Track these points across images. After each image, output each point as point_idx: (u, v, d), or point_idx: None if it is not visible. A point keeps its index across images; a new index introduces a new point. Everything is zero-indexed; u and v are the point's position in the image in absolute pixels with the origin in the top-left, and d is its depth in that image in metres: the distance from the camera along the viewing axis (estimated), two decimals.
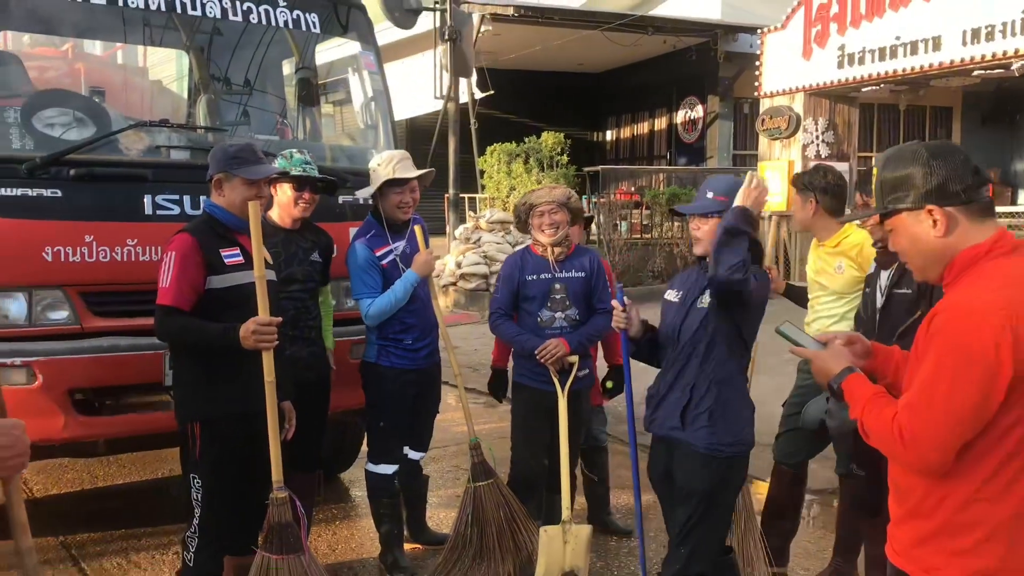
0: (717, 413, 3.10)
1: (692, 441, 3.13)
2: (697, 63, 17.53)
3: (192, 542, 3.35)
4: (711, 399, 3.10)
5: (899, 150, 2.06)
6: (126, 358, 4.13)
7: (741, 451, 3.16)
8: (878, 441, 1.98)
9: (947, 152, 1.99)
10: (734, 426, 3.11)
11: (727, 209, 3.08)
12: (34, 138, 4.20)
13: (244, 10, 4.77)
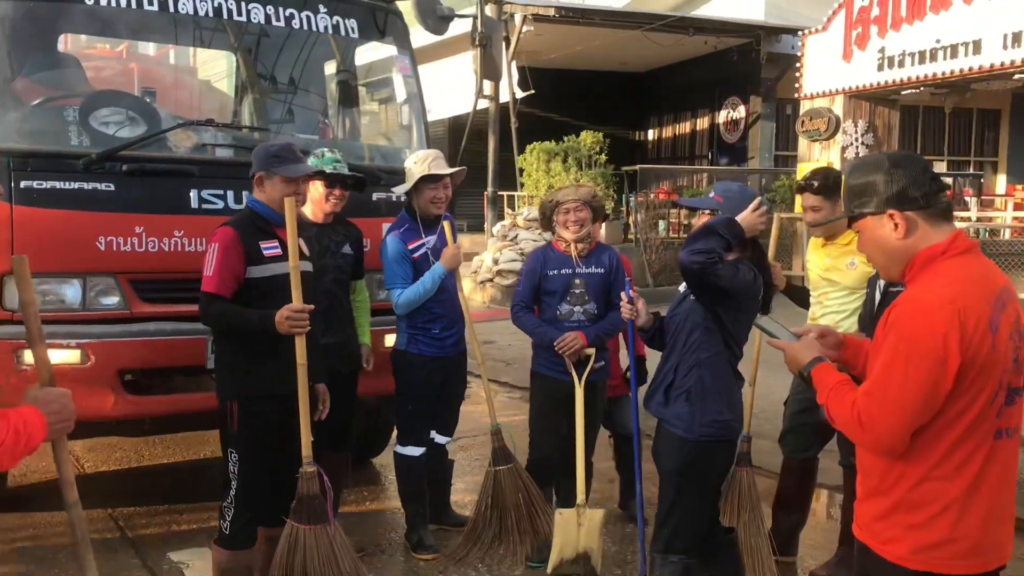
0: (695, 395, 3.28)
1: (670, 420, 3.33)
2: (740, 63, 17.57)
3: (228, 512, 3.61)
4: (690, 381, 3.29)
5: (864, 160, 2.24)
6: (171, 342, 4.41)
7: (717, 434, 3.29)
8: (841, 424, 2.16)
9: (907, 161, 2.17)
10: (710, 409, 3.27)
11: (720, 209, 3.26)
12: (90, 135, 4.50)
13: (287, 16, 5.04)
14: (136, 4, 4.66)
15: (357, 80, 5.89)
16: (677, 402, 3.31)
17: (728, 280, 3.13)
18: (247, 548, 3.66)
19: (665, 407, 3.35)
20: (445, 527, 4.85)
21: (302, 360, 3.48)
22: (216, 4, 4.82)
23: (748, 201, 3.28)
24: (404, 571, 4.44)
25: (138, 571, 4.34)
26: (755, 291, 3.22)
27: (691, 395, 3.28)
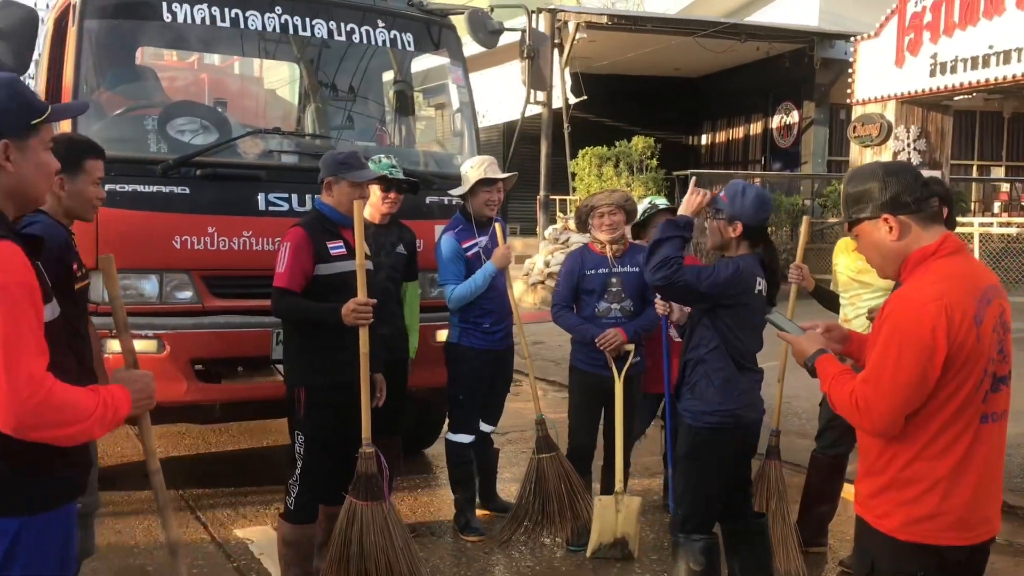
0: (699, 387, 3.53)
1: (682, 411, 3.61)
2: (792, 69, 17.61)
3: (294, 488, 3.93)
4: (696, 376, 3.55)
5: (859, 169, 2.47)
6: (239, 334, 4.77)
7: (719, 422, 3.50)
8: (841, 409, 2.40)
9: (899, 170, 2.39)
10: (712, 399, 3.50)
11: (724, 208, 3.49)
12: (167, 143, 4.88)
13: (348, 30, 5.38)
14: (210, 20, 5.04)
15: (413, 90, 6.22)
16: (686, 395, 3.58)
17: (696, 282, 3.38)
18: (310, 523, 3.97)
19: (680, 400, 3.63)
20: (491, 512, 5.13)
21: (365, 350, 3.78)
22: (283, 20, 5.18)
23: (754, 205, 3.50)
24: (452, 551, 4.73)
25: (208, 546, 4.69)
26: (739, 287, 3.42)
27: (695, 388, 3.54)
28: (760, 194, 3.61)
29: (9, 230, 2.08)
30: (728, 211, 3.48)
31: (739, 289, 3.42)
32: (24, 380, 1.95)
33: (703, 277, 3.41)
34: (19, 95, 2.18)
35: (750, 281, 3.45)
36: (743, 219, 3.47)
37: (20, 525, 2.11)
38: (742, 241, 3.50)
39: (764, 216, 3.58)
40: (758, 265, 3.50)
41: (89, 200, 3.18)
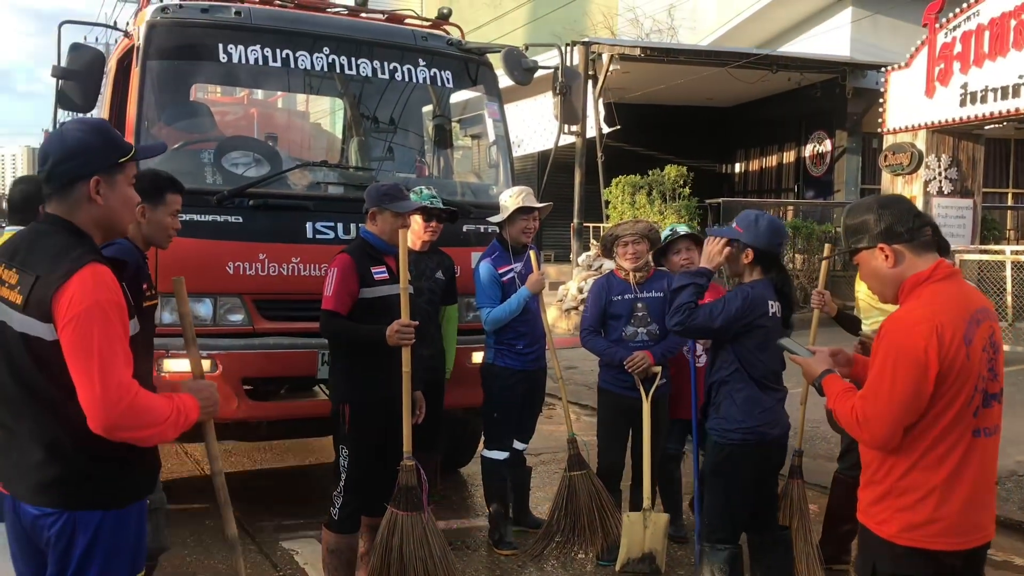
0: (723, 407, 3.77)
1: (709, 430, 3.84)
2: (825, 98, 17.75)
3: (338, 500, 4.18)
4: (720, 396, 3.80)
5: (857, 204, 2.71)
6: (288, 355, 5.04)
7: (741, 439, 3.72)
8: (843, 424, 2.61)
9: (893, 202, 2.62)
10: (733, 418, 3.73)
11: (740, 238, 3.72)
12: (222, 175, 5.20)
13: (390, 68, 5.69)
14: (262, 60, 5.37)
15: (451, 123, 6.51)
16: (712, 414, 3.83)
17: (709, 321, 3.64)
18: (353, 532, 4.22)
19: (707, 420, 3.87)
20: (524, 528, 5.34)
21: (407, 368, 4.04)
22: (330, 60, 5.50)
23: (768, 233, 3.72)
24: (487, 564, 4.95)
25: (255, 555, 4.95)
26: (752, 314, 3.65)
27: (720, 408, 3.79)
28: (772, 222, 3.82)
29: (99, 255, 2.37)
30: (742, 239, 3.70)
31: (752, 316, 3.64)
32: (114, 386, 2.22)
33: (715, 315, 3.66)
34: (108, 136, 2.48)
35: (762, 306, 3.66)
36: (756, 246, 3.70)
37: (102, 517, 2.38)
38: (755, 267, 3.73)
39: (776, 243, 3.79)
40: (770, 289, 3.71)
41: (166, 230, 3.50)
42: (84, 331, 2.22)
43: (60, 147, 2.41)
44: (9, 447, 2.42)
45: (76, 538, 2.35)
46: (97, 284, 2.26)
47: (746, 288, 3.70)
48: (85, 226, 2.41)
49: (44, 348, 2.26)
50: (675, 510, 5.30)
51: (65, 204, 2.41)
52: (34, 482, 2.36)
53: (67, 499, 2.35)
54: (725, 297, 3.73)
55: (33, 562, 2.45)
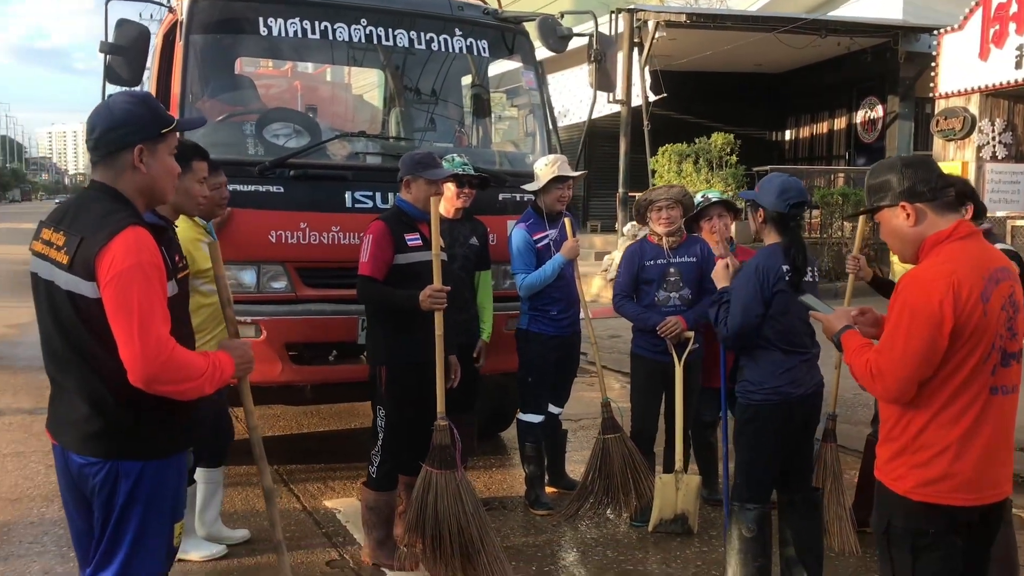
0: (746, 369, 3.85)
1: (736, 391, 3.89)
2: (877, 63, 17.42)
3: (375, 459, 4.33)
4: (744, 359, 3.88)
5: (880, 163, 2.72)
6: (329, 320, 5.18)
7: (762, 400, 3.77)
8: (857, 377, 2.65)
9: (917, 162, 2.64)
10: (756, 379, 3.79)
11: (755, 198, 3.78)
12: (264, 146, 5.34)
13: (427, 39, 5.76)
14: (301, 32, 5.47)
15: (489, 93, 6.57)
16: (738, 378, 3.90)
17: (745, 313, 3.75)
18: (390, 490, 4.37)
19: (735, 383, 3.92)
20: (559, 490, 5.45)
21: (440, 332, 4.15)
22: (367, 31, 5.59)
23: (774, 193, 3.75)
24: (522, 523, 5.07)
25: (299, 515, 5.13)
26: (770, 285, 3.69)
27: (743, 370, 3.86)
28: (784, 182, 3.83)
29: (140, 219, 2.51)
30: (757, 200, 3.75)
31: (770, 285, 3.68)
32: (153, 342, 2.36)
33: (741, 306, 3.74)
34: (152, 108, 2.61)
35: (775, 272, 3.70)
36: (764, 205, 3.74)
37: (143, 467, 2.53)
38: (769, 228, 3.76)
39: (783, 202, 3.76)
40: (781, 253, 3.73)
41: (195, 197, 3.64)
42: (125, 289, 2.36)
43: (106, 118, 2.54)
44: (58, 400, 2.58)
45: (118, 486, 2.50)
46: (138, 246, 2.40)
47: (752, 263, 3.76)
48: (128, 193, 2.55)
49: (88, 306, 2.41)
50: (711, 474, 5.36)
51: (110, 171, 2.54)
52: (80, 433, 2.51)
53: (110, 449, 2.50)
54: (740, 288, 3.78)
55: (82, 508, 2.61)
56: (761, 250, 3.82)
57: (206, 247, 3.93)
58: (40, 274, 2.54)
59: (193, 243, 3.95)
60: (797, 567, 3.91)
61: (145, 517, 2.53)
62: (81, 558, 2.69)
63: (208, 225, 4.24)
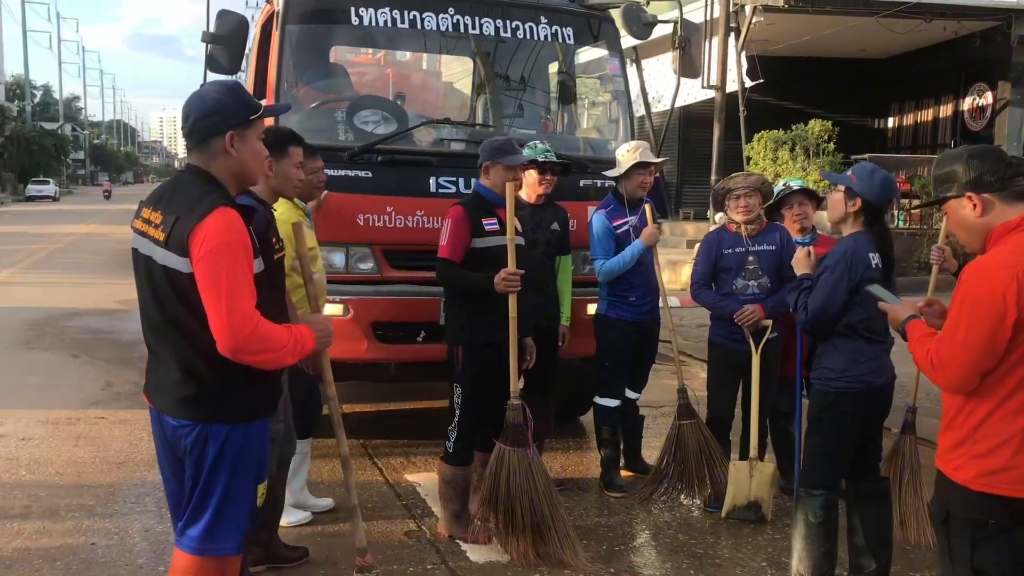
0: (826, 357, 3.81)
1: (812, 379, 3.87)
2: (986, 48, 16.76)
3: (452, 435, 4.49)
4: (823, 347, 3.84)
5: (947, 153, 2.71)
6: (412, 301, 5.36)
7: (843, 387, 3.75)
8: (920, 366, 2.65)
9: (983, 152, 2.61)
10: (837, 367, 3.76)
11: (852, 186, 3.73)
12: (353, 132, 5.54)
13: (513, 27, 5.87)
14: (391, 22, 5.65)
15: (574, 80, 6.64)
16: (816, 365, 3.88)
17: (829, 297, 3.72)
18: (465, 465, 4.52)
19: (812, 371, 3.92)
20: (634, 473, 5.52)
21: (514, 314, 4.27)
22: (455, 20, 5.73)
23: (881, 186, 3.71)
24: (596, 504, 5.17)
25: (382, 487, 5.33)
26: (857, 273, 3.66)
27: (823, 358, 3.83)
28: (888, 177, 3.83)
29: (231, 201, 2.69)
30: (854, 188, 3.72)
31: (857, 273, 3.66)
32: (240, 315, 2.54)
33: (826, 290, 3.72)
34: (241, 95, 2.80)
35: (863, 260, 3.67)
36: (867, 196, 3.71)
37: (230, 431, 2.72)
38: (859, 217, 3.74)
39: (886, 198, 3.81)
40: (870, 243, 3.71)
41: (291, 180, 3.84)
42: (215, 266, 2.55)
43: (199, 106, 2.74)
44: (154, 367, 2.80)
45: (207, 447, 2.70)
46: (228, 225, 2.58)
47: (840, 249, 3.73)
48: (220, 176, 2.74)
49: (182, 280, 2.61)
50: (788, 464, 5.35)
51: (204, 156, 2.74)
52: (173, 398, 2.72)
53: (199, 413, 2.70)
54: (822, 267, 3.78)
55: (175, 467, 2.83)
56: (847, 238, 3.79)
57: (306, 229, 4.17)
58: (140, 250, 2.75)
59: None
60: (865, 556, 3.90)
61: (231, 477, 2.73)
62: (174, 514, 2.91)
63: (306, 208, 4.45)
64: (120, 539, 4.42)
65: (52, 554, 4.22)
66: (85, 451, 5.79)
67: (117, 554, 4.24)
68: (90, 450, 5.82)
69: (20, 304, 12.07)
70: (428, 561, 4.28)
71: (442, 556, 4.33)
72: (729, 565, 4.37)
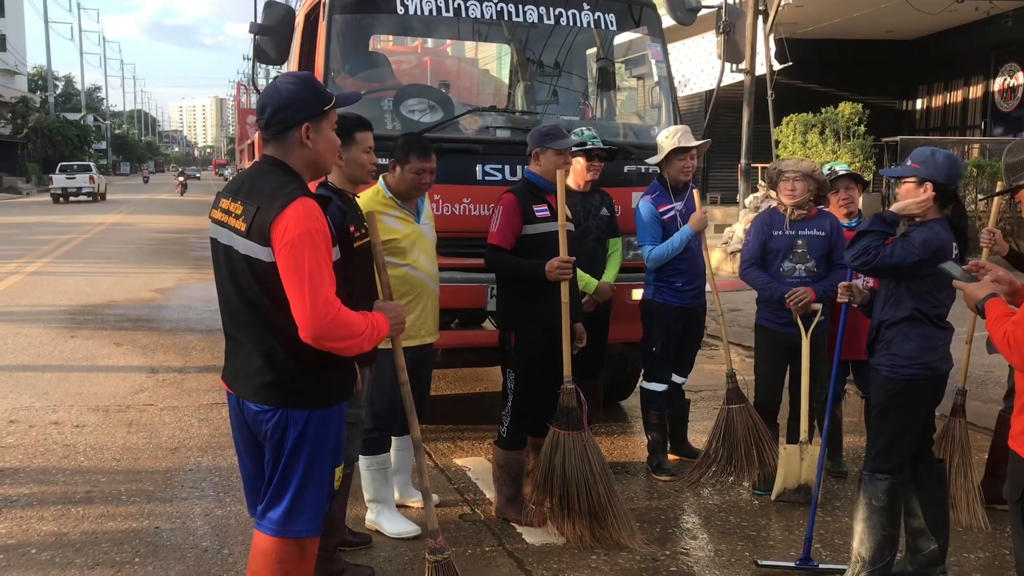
0: (895, 343, 3.75)
1: (876, 365, 3.84)
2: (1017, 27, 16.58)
3: (506, 419, 4.54)
4: (892, 333, 3.77)
5: (1018, 141, 2.73)
6: (461, 288, 5.41)
7: (913, 373, 3.72)
8: (997, 345, 2.69)
9: None
10: (906, 353, 3.72)
11: (919, 175, 3.69)
12: (400, 121, 5.58)
13: (556, 14, 5.89)
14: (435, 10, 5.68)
15: (614, 66, 6.65)
16: (881, 351, 3.83)
17: (893, 261, 3.62)
18: (519, 449, 4.58)
19: (873, 356, 3.89)
20: (682, 457, 5.57)
21: (566, 299, 4.32)
22: (499, 8, 5.76)
23: (947, 165, 3.67)
24: (645, 487, 5.21)
25: (432, 471, 5.39)
26: (929, 254, 3.58)
27: (891, 344, 3.77)
28: (950, 155, 3.77)
29: (308, 191, 2.75)
30: (920, 175, 3.69)
31: (927, 258, 3.58)
32: (322, 302, 2.60)
33: (896, 255, 3.63)
34: (314, 88, 2.85)
35: (947, 251, 3.61)
36: (937, 179, 3.66)
37: (309, 415, 2.78)
38: (934, 205, 3.71)
39: (956, 176, 3.73)
40: (946, 228, 3.68)
41: (363, 165, 3.89)
42: (297, 254, 2.60)
43: (276, 99, 2.78)
44: (235, 354, 2.86)
45: (288, 432, 2.76)
46: (308, 215, 2.64)
47: (924, 230, 3.65)
48: (297, 166, 2.79)
49: (263, 269, 2.66)
50: (836, 447, 5.38)
51: (281, 148, 2.79)
52: (254, 384, 2.78)
53: (280, 399, 2.76)
54: (903, 240, 3.67)
55: (253, 452, 2.89)
56: (922, 227, 3.67)
57: (391, 220, 4.21)
58: (220, 239, 2.80)
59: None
60: (924, 538, 3.92)
61: (311, 460, 2.79)
62: (251, 498, 2.97)
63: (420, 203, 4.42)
64: (183, 523, 4.52)
65: (119, 537, 4.32)
66: (138, 437, 5.90)
67: (181, 538, 4.34)
68: (143, 436, 5.93)
69: (57, 293, 12.23)
70: (486, 543, 4.34)
71: (499, 539, 4.40)
72: (782, 546, 4.41)
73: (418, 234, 4.34)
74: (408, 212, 4.33)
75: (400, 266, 4.20)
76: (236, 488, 4.91)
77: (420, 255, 4.33)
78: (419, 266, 4.31)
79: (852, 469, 5.30)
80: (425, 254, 4.36)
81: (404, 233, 4.26)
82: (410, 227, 4.31)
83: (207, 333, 9.54)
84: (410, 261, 4.27)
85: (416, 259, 4.31)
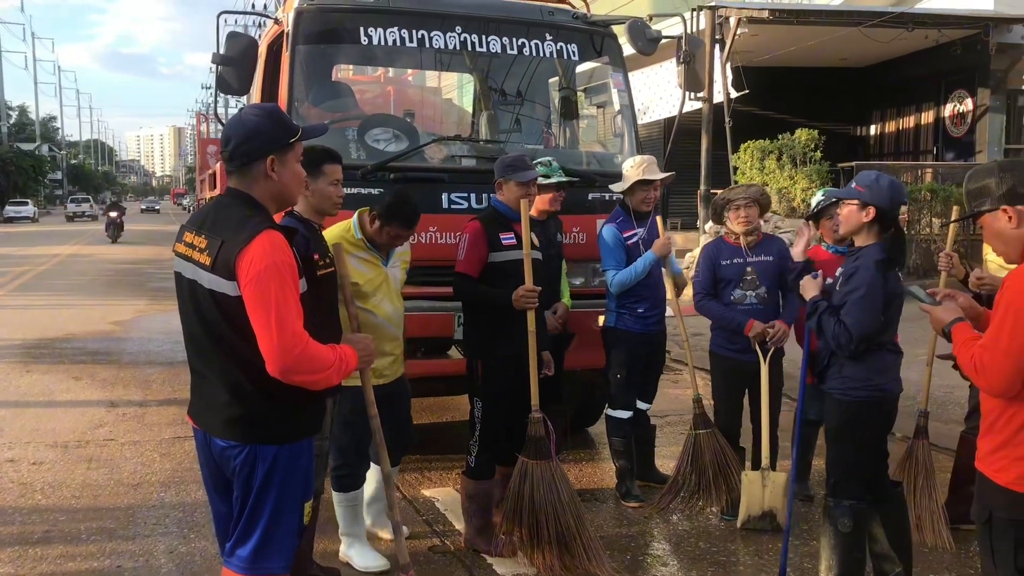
0: (846, 367, 3.79)
1: (828, 389, 3.89)
2: (966, 55, 17.01)
3: (474, 449, 4.52)
4: (841, 357, 3.80)
5: (977, 168, 2.79)
6: (427, 316, 5.39)
7: (866, 396, 3.77)
8: (965, 370, 2.73)
9: (1014, 166, 2.70)
10: (859, 377, 3.76)
11: (861, 198, 3.73)
12: (365, 151, 5.57)
13: (518, 44, 5.94)
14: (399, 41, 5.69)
15: (576, 95, 6.72)
16: (833, 376, 3.86)
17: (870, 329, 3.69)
18: (488, 479, 4.56)
19: (825, 381, 3.93)
20: (650, 483, 5.57)
21: (532, 328, 4.32)
22: (462, 38, 5.79)
23: (890, 191, 3.71)
24: (614, 515, 5.21)
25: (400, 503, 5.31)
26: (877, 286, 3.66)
27: (843, 368, 3.81)
28: (893, 181, 3.83)
29: (274, 223, 2.73)
30: (863, 198, 3.74)
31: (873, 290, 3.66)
32: (289, 335, 2.57)
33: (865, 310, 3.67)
34: (279, 120, 2.83)
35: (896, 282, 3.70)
36: (879, 204, 3.72)
37: (278, 451, 2.75)
38: (874, 226, 3.75)
39: (899, 202, 3.79)
40: (881, 250, 3.73)
41: (329, 198, 3.87)
42: (263, 288, 2.58)
43: (241, 131, 2.76)
44: (201, 389, 2.82)
45: (256, 468, 2.72)
46: (274, 248, 2.61)
47: (864, 265, 3.71)
48: (262, 199, 2.77)
49: (229, 303, 2.63)
50: (804, 471, 5.42)
51: (245, 179, 2.77)
52: (221, 419, 2.75)
53: (248, 434, 2.72)
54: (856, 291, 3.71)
55: (221, 488, 2.85)
56: (870, 249, 3.76)
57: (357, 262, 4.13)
58: (184, 274, 2.77)
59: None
60: (888, 561, 3.95)
61: (280, 497, 2.75)
62: (221, 536, 2.92)
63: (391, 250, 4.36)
64: (146, 560, 4.43)
65: None
66: (99, 474, 5.78)
67: None
68: (104, 472, 5.81)
69: (12, 327, 11.99)
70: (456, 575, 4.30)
71: (469, 570, 4.36)
72: (752, 571, 4.43)
73: (383, 279, 4.25)
74: (377, 255, 4.25)
75: (360, 310, 4.04)
76: (201, 524, 4.83)
77: (383, 300, 4.24)
78: (379, 311, 4.20)
79: (819, 493, 5.33)
80: (388, 298, 4.28)
81: (368, 278, 4.17)
82: (375, 271, 4.22)
83: (168, 365, 9.40)
84: (370, 306, 4.17)
85: (378, 304, 4.21)
